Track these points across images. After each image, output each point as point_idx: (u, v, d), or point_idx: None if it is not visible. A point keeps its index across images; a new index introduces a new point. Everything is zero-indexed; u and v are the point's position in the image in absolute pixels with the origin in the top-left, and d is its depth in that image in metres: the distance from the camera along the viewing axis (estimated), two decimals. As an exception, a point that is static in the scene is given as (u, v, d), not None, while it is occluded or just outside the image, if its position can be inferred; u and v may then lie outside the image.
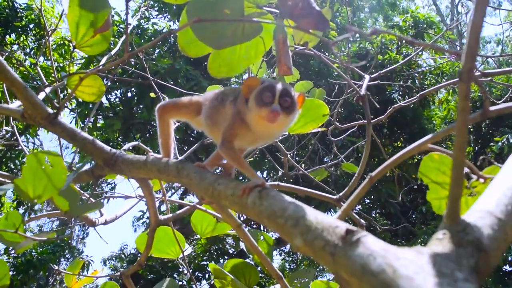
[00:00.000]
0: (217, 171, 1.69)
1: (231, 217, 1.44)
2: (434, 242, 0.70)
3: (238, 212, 1.11)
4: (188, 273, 2.01)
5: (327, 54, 12.24)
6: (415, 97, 2.04)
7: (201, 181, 1.22)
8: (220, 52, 1.40)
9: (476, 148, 12.84)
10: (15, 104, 1.75)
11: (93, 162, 1.65)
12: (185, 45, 1.42)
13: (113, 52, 2.60)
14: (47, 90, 1.99)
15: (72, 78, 1.82)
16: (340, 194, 1.41)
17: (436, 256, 0.64)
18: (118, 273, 2.11)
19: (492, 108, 0.82)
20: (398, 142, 13.71)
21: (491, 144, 11.51)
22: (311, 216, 0.80)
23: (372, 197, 12.55)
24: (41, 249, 13.69)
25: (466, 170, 1.12)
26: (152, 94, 3.86)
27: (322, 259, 0.72)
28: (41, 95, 1.85)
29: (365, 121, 1.68)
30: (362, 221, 1.43)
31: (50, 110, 1.56)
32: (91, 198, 2.46)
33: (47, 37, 2.56)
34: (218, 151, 1.56)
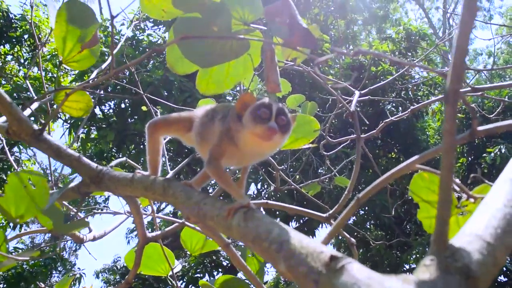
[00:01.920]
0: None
1: (219, 237, 1.41)
2: (421, 269, 0.67)
3: (223, 233, 1.08)
4: (178, 290, 1.96)
5: (320, 66, 12.31)
6: (406, 112, 2.03)
7: (187, 200, 1.20)
8: (208, 69, 1.38)
9: (470, 158, 12.89)
10: (1, 120, 1.72)
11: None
12: (173, 62, 1.41)
13: (103, 65, 2.58)
14: (35, 105, 1.97)
15: (59, 93, 1.79)
16: (330, 212, 1.39)
17: (423, 285, 0.62)
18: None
19: (480, 128, 0.80)
20: (392, 153, 13.74)
21: (484, 155, 11.55)
22: (296, 240, 0.77)
23: (366, 208, 12.53)
24: (32, 262, 13.51)
25: (456, 188, 1.10)
26: (144, 108, 3.84)
27: (305, 286, 0.70)
28: (27, 111, 1.82)
29: (358, 136, 1.67)
30: (353, 239, 1.40)
31: (35, 127, 1.53)
32: (78, 214, 2.42)
33: (38, 49, 2.54)
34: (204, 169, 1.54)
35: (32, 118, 1.75)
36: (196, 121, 1.58)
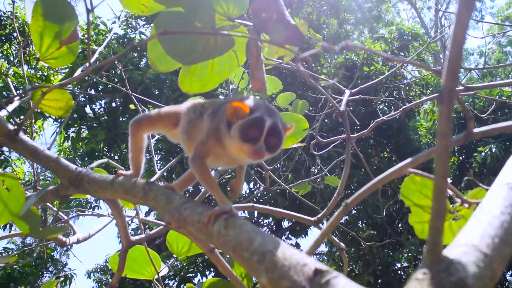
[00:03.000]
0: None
1: (202, 242, 1.35)
2: (413, 283, 0.62)
3: (205, 240, 1.02)
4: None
5: (313, 65, 12.27)
6: (398, 111, 1.98)
7: (168, 204, 1.13)
8: (191, 66, 1.32)
9: (461, 158, 12.93)
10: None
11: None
12: (155, 59, 1.34)
13: (87, 64, 2.50)
14: (15, 104, 1.89)
15: (37, 92, 1.72)
16: (319, 216, 1.33)
17: (415, 303, 0.56)
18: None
19: (476, 130, 0.75)
20: (384, 153, 13.75)
21: (475, 154, 11.60)
22: (279, 251, 0.71)
23: (359, 207, 12.53)
24: (22, 262, 13.34)
25: (449, 192, 1.05)
26: (132, 106, 3.76)
27: (289, 302, 0.64)
28: (6, 111, 1.74)
29: (348, 136, 1.61)
30: (342, 244, 1.35)
31: (10, 127, 1.46)
32: (61, 216, 2.35)
33: (21, 46, 2.46)
34: (189, 170, 1.47)
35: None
36: (184, 118, 1.50)
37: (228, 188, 1.44)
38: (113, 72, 11.80)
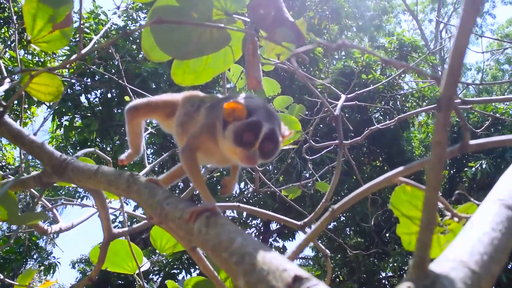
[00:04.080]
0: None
1: (184, 239, 1.32)
2: (397, 297, 0.59)
3: (185, 238, 0.99)
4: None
5: (311, 69, 12.27)
6: (393, 120, 1.96)
7: (150, 198, 1.10)
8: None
9: (452, 172, 12.99)
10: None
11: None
12: (148, 49, 1.30)
13: (83, 51, 2.45)
14: (6, 85, 1.85)
15: (27, 75, 1.67)
16: (305, 220, 1.30)
17: (397, 318, 0.53)
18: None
19: (472, 142, 0.72)
20: (377, 162, 13.77)
21: (466, 169, 11.66)
22: (259, 254, 0.68)
23: (347, 214, 12.54)
24: (7, 248, 13.20)
25: (439, 205, 1.02)
26: (127, 98, 3.73)
27: (265, 309, 0.61)
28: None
29: (341, 142, 1.59)
30: (327, 251, 1.32)
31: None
32: (45, 203, 2.30)
33: (15, 28, 2.41)
34: (178, 165, 1.44)
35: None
36: (180, 109, 1.45)
37: (220, 186, 1.41)
38: (111, 62, 11.72)
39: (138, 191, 1.17)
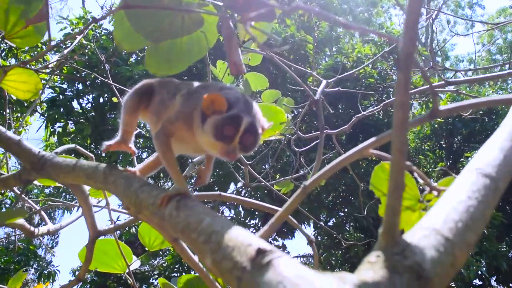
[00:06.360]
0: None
1: (166, 230, 1.29)
2: (365, 266, 0.57)
3: (158, 224, 0.96)
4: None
5: (302, 65, 12.26)
6: (378, 106, 1.94)
7: (126, 188, 1.07)
8: (157, 46, 1.26)
9: (448, 163, 13.01)
10: None
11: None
12: (121, 39, 1.28)
13: (66, 51, 2.43)
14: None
15: (1, 71, 1.64)
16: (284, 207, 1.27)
17: (363, 286, 0.51)
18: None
19: (442, 107, 0.70)
20: (373, 156, 13.75)
21: (462, 159, 11.69)
22: (226, 232, 0.66)
23: (346, 210, 12.53)
24: (6, 258, 13.15)
25: (419, 180, 1.00)
26: (114, 99, 3.70)
27: (230, 284, 0.59)
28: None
29: (322, 126, 1.57)
30: (312, 237, 1.30)
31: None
32: (29, 204, 2.27)
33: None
34: (155, 155, 1.41)
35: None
36: (155, 97, 1.39)
37: (194, 178, 1.38)
38: (102, 67, 11.66)
39: (115, 182, 1.15)
